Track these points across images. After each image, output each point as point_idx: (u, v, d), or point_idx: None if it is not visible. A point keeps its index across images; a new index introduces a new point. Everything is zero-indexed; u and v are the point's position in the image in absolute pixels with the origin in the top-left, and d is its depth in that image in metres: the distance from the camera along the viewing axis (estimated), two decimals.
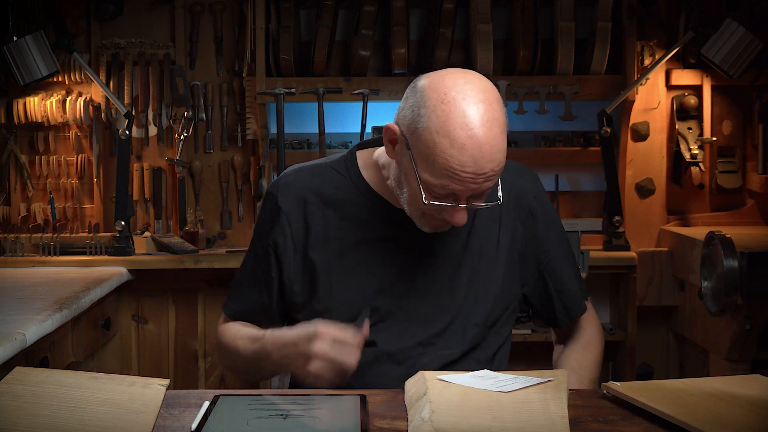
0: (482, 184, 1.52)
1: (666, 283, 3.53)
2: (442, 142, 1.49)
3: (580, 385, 1.71)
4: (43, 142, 3.65)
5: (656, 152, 3.69)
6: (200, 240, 3.60)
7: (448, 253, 1.72)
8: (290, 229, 1.74)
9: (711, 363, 3.18)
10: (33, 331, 2.23)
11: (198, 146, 3.74)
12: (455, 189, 1.52)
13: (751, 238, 3.10)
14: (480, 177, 1.51)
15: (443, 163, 1.50)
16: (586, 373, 1.75)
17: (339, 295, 1.71)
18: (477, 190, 1.53)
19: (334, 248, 1.72)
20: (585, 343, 1.83)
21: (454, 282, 1.71)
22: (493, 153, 1.50)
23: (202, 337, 3.57)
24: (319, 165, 1.80)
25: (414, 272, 1.71)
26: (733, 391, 1.45)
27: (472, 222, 1.73)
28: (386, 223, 1.71)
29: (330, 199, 1.74)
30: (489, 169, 1.51)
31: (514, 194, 1.76)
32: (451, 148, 1.49)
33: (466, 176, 1.50)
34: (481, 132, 1.48)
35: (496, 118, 1.51)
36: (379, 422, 1.38)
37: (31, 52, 3.29)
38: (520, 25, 3.53)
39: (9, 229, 3.66)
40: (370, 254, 1.71)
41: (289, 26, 3.50)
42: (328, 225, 1.73)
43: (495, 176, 1.53)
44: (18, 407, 1.37)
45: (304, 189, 1.75)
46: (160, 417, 1.41)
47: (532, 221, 1.78)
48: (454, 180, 1.51)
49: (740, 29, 3.27)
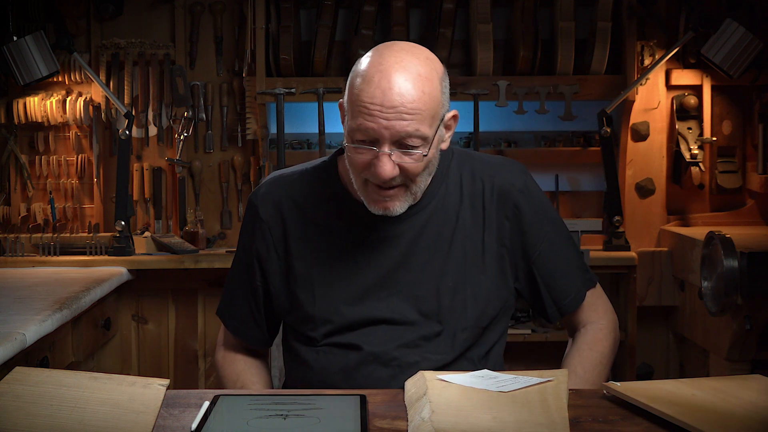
0: (393, 121, 1.52)
1: (666, 283, 3.53)
2: (357, 81, 1.56)
3: (583, 386, 1.68)
4: (43, 142, 3.66)
5: (656, 152, 3.69)
6: (200, 240, 3.60)
7: (431, 258, 1.70)
8: (272, 239, 1.74)
9: (711, 363, 3.18)
10: (33, 331, 2.23)
11: (198, 146, 3.74)
12: (368, 126, 1.53)
13: (751, 238, 3.10)
14: (389, 111, 1.52)
15: (356, 100, 1.55)
16: (589, 375, 1.72)
17: (321, 303, 1.70)
18: (390, 129, 1.53)
19: (314, 256, 1.71)
20: (589, 342, 1.77)
21: (439, 288, 1.69)
22: (405, 90, 1.52)
23: (202, 337, 3.58)
24: (300, 171, 1.79)
25: (396, 277, 1.69)
26: (733, 391, 1.45)
27: (454, 226, 1.71)
28: (366, 228, 1.70)
29: (308, 207, 1.73)
30: (399, 104, 1.52)
31: (498, 191, 1.73)
32: (362, 83, 1.55)
33: (375, 109, 1.52)
34: (393, 69, 1.53)
35: (415, 65, 1.55)
36: (379, 422, 1.38)
37: (31, 52, 3.29)
38: (520, 25, 3.53)
39: (9, 229, 3.66)
40: (351, 260, 1.70)
41: (289, 26, 3.50)
42: (308, 233, 1.72)
43: (409, 117, 1.53)
44: (18, 407, 1.37)
45: (283, 197, 1.75)
46: (160, 417, 1.41)
47: (518, 216, 1.74)
48: (365, 116, 1.53)
49: (740, 29, 3.27)
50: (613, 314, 1.83)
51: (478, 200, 1.72)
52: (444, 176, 1.73)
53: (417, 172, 1.59)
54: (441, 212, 1.71)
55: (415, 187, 1.62)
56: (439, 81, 1.59)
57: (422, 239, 1.70)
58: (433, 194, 1.71)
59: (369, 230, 1.70)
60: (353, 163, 1.60)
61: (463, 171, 1.75)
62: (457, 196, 1.73)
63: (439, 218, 1.71)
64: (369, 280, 1.69)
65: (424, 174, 1.63)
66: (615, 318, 1.83)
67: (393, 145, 1.55)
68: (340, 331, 1.69)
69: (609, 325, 1.80)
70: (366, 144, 1.56)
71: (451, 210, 1.71)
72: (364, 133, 1.55)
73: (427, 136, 1.56)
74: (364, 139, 1.56)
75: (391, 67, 1.54)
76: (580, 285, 1.79)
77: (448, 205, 1.72)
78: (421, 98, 1.54)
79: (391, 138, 1.54)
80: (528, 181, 1.77)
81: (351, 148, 1.58)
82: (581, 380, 1.70)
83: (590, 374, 1.73)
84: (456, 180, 1.74)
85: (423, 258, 1.69)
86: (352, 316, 1.69)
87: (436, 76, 1.59)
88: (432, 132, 1.58)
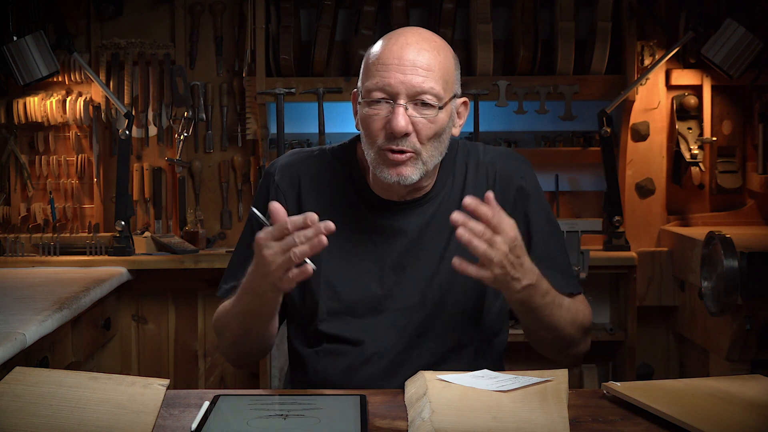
0: (409, 75, 1.60)
1: (666, 283, 3.53)
2: (373, 50, 1.66)
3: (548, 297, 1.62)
4: (43, 142, 3.65)
5: (656, 152, 3.69)
6: (200, 240, 3.60)
7: (436, 243, 1.73)
8: (286, 205, 1.75)
9: (711, 363, 3.18)
10: (33, 331, 2.23)
11: (198, 146, 3.74)
12: (385, 82, 1.60)
13: (751, 238, 3.10)
14: (406, 66, 1.60)
15: (373, 62, 1.64)
16: (559, 301, 1.65)
17: (324, 281, 1.72)
18: (406, 84, 1.60)
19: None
20: (573, 301, 1.74)
21: (440, 272, 1.71)
22: (421, 50, 1.62)
23: (202, 337, 3.57)
24: (320, 151, 1.83)
25: (402, 262, 1.72)
26: (733, 391, 1.45)
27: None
28: (377, 215, 1.73)
29: (323, 185, 1.77)
30: (415, 60, 1.61)
31: (500, 179, 1.77)
32: (380, 48, 1.65)
33: (392, 64, 1.61)
34: (410, 34, 1.65)
35: (431, 35, 1.66)
36: (379, 422, 1.38)
37: (31, 52, 3.29)
38: (520, 25, 3.53)
39: (9, 229, 3.66)
40: (359, 243, 1.73)
41: (289, 26, 3.50)
42: (320, 210, 1.73)
43: (424, 74, 1.61)
44: (18, 407, 1.37)
45: (301, 172, 1.79)
46: (160, 417, 1.41)
47: (522, 198, 1.77)
48: (381, 72, 1.61)
49: (740, 29, 3.27)
50: (590, 318, 1.79)
51: (481, 188, 1.76)
52: (450, 167, 1.77)
53: (428, 135, 1.63)
54: (447, 203, 1.75)
55: (425, 155, 1.65)
56: (453, 57, 1.69)
57: (429, 229, 1.73)
58: (440, 185, 1.76)
59: (379, 217, 1.73)
60: (369, 129, 1.65)
61: (469, 161, 1.79)
62: (462, 185, 1.77)
63: (445, 208, 1.74)
64: (375, 266, 1.72)
65: (435, 144, 1.66)
66: (590, 321, 1.78)
67: (408, 101, 1.61)
68: (342, 312, 1.70)
69: (588, 318, 1.77)
70: (378, 103, 1.62)
71: (456, 199, 1.74)
72: (381, 90, 1.62)
73: (441, 96, 1.62)
74: (380, 98, 1.62)
75: (408, 33, 1.65)
76: (565, 287, 1.76)
77: (454, 194, 1.76)
78: (436, 59, 1.63)
79: (407, 92, 1.61)
80: (530, 172, 1.82)
81: (367, 110, 1.64)
82: (548, 283, 1.63)
83: (554, 292, 1.65)
84: (461, 170, 1.78)
85: (428, 246, 1.73)
86: (356, 298, 1.71)
87: (451, 53, 1.69)
88: (444, 96, 1.63)
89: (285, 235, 1.48)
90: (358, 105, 1.68)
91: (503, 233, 1.49)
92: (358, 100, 1.68)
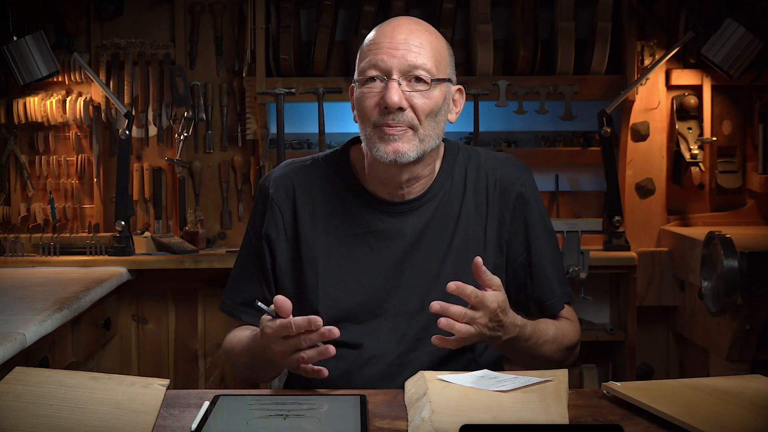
0: (402, 51, 1.65)
1: (666, 283, 3.53)
2: (368, 35, 1.72)
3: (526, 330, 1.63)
4: (43, 142, 3.65)
5: (656, 152, 3.69)
6: (200, 240, 3.60)
7: (435, 247, 1.73)
8: (282, 221, 1.76)
9: (711, 363, 3.18)
10: (33, 331, 2.23)
11: (198, 146, 3.74)
12: (378, 59, 1.65)
13: (751, 238, 3.10)
14: (399, 44, 1.65)
15: (368, 42, 1.69)
16: (538, 330, 1.67)
17: (324, 289, 1.72)
18: (400, 59, 1.64)
19: (321, 242, 1.74)
20: (559, 324, 1.76)
21: (440, 276, 1.71)
22: (412, 30, 1.68)
23: (202, 337, 3.57)
24: (312, 160, 1.83)
25: (401, 266, 1.72)
26: (733, 391, 1.45)
27: (457, 217, 1.74)
28: (374, 219, 1.73)
29: (318, 194, 1.77)
30: (407, 38, 1.66)
31: (500, 185, 1.77)
32: (373, 32, 1.71)
33: (384, 43, 1.66)
34: (401, 18, 1.72)
35: (423, 22, 1.72)
36: (379, 422, 1.38)
37: (31, 52, 3.29)
38: (520, 25, 3.53)
39: (9, 229, 3.66)
40: (357, 248, 1.73)
41: (289, 26, 3.50)
42: (316, 219, 1.75)
43: (417, 50, 1.65)
44: (18, 407, 1.37)
45: (295, 183, 1.79)
46: (160, 417, 1.41)
47: (522, 205, 1.78)
48: (374, 51, 1.66)
49: (740, 29, 3.27)
50: (578, 334, 1.81)
51: (481, 193, 1.76)
52: (450, 170, 1.78)
53: (425, 111, 1.65)
54: (446, 205, 1.75)
55: (422, 132, 1.66)
56: (445, 43, 1.74)
57: (428, 232, 1.73)
58: (439, 188, 1.76)
59: (377, 221, 1.73)
60: (363, 107, 1.67)
61: (469, 165, 1.79)
62: (461, 189, 1.76)
63: (444, 211, 1.74)
64: (373, 270, 1.72)
65: (432, 124, 1.67)
66: (578, 339, 1.81)
67: (402, 77, 1.64)
68: (341, 319, 1.70)
69: (576, 337, 1.79)
70: (373, 80, 1.66)
71: (456, 202, 1.75)
72: (374, 66, 1.65)
73: (433, 72, 1.66)
74: (374, 75, 1.66)
75: (401, 18, 1.72)
76: (560, 294, 1.80)
77: (453, 198, 1.76)
78: (428, 39, 1.68)
79: (400, 67, 1.64)
80: (530, 179, 1.82)
81: (362, 88, 1.67)
82: (532, 326, 1.66)
83: (539, 332, 1.68)
84: (461, 174, 1.78)
85: (427, 250, 1.73)
86: (355, 304, 1.71)
87: (443, 39, 1.74)
88: (437, 74, 1.67)
89: (290, 335, 1.50)
90: (354, 86, 1.71)
91: (484, 309, 1.52)
92: (354, 85, 1.71)
